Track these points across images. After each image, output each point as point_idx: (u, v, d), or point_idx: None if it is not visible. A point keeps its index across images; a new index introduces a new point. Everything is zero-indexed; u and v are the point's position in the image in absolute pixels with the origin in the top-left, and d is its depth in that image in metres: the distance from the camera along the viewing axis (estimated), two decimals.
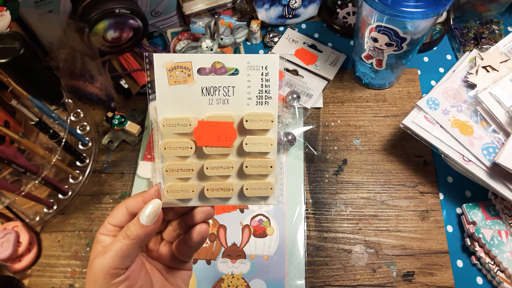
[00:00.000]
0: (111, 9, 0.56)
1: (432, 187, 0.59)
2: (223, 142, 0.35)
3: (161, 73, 0.34)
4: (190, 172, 0.35)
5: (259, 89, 0.36)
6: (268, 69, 0.35)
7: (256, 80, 0.35)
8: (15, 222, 0.57)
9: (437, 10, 0.48)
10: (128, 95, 0.68)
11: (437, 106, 0.55)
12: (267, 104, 0.36)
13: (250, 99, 0.35)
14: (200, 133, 0.35)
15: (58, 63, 0.61)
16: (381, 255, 0.55)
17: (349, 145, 0.63)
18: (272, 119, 0.36)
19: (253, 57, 0.34)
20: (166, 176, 0.35)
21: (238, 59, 0.34)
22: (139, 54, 0.65)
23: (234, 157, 0.36)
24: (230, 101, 0.35)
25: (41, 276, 0.56)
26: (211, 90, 0.35)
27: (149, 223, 0.32)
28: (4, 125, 0.55)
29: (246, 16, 0.73)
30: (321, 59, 0.69)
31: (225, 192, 0.36)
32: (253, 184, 0.36)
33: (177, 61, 0.34)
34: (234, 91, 0.35)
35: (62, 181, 0.62)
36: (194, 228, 0.35)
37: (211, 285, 0.54)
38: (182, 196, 0.35)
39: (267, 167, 0.36)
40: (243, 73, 0.35)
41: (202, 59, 0.34)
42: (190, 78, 0.34)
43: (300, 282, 0.53)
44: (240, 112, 0.35)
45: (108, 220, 0.34)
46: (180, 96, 0.34)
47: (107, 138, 0.65)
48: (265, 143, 0.36)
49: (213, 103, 0.35)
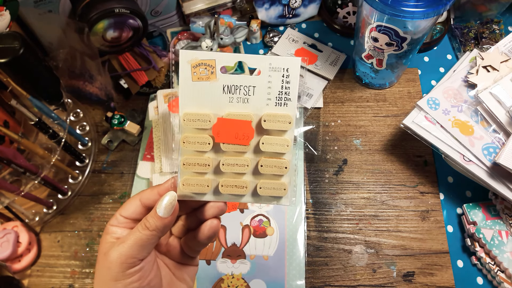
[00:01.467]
0: (111, 8, 0.56)
1: (433, 187, 0.59)
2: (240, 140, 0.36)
3: (186, 69, 0.34)
4: (206, 167, 0.36)
5: (279, 91, 0.36)
6: (289, 72, 0.35)
7: (277, 82, 0.36)
8: (15, 222, 0.57)
9: (438, 10, 0.48)
10: (127, 95, 0.68)
11: (437, 106, 0.55)
12: (286, 106, 0.36)
13: (270, 100, 0.36)
14: (219, 129, 0.35)
15: (57, 63, 0.61)
16: (381, 255, 0.55)
17: (349, 145, 0.63)
18: (290, 121, 0.36)
19: (276, 58, 0.35)
20: (183, 170, 0.36)
21: (261, 60, 0.35)
22: (139, 54, 0.65)
23: (250, 156, 0.37)
24: (250, 100, 0.36)
25: (41, 276, 0.56)
26: (232, 89, 0.36)
27: (166, 215, 0.33)
28: (4, 125, 0.55)
29: (246, 15, 0.73)
30: (321, 58, 0.69)
31: (239, 189, 0.36)
32: (267, 184, 0.36)
33: (201, 58, 0.35)
34: (255, 91, 0.36)
35: (62, 181, 0.61)
36: (206, 223, 0.36)
37: (211, 285, 0.54)
38: (197, 190, 0.36)
39: (282, 168, 0.36)
40: (265, 73, 0.35)
41: (226, 58, 0.35)
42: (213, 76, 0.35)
43: (300, 282, 0.53)
44: (259, 111, 0.36)
45: (119, 212, 0.35)
46: (202, 93, 0.35)
47: (106, 138, 0.64)
48: (282, 144, 0.36)
49: (233, 101, 0.36)
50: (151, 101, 0.67)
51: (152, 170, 0.60)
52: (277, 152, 0.36)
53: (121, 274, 0.31)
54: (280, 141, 0.36)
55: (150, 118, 0.63)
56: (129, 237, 0.32)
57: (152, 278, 0.33)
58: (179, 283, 0.37)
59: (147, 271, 0.33)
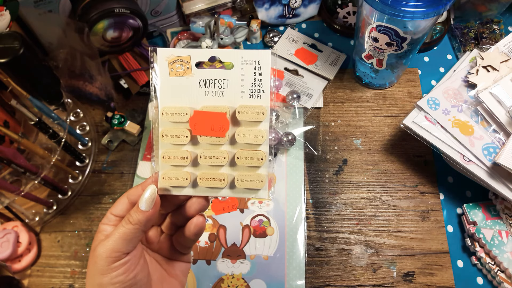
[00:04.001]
0: (111, 8, 0.56)
1: (433, 187, 0.59)
2: (216, 132, 0.36)
3: (163, 65, 0.36)
4: (185, 160, 0.37)
5: (252, 83, 0.37)
6: (260, 64, 0.36)
7: (249, 74, 0.37)
8: (15, 222, 0.57)
9: (438, 10, 0.48)
10: (127, 95, 0.68)
11: (437, 106, 0.55)
12: (259, 98, 0.37)
13: (244, 92, 0.37)
14: (195, 122, 0.36)
15: (57, 63, 0.61)
16: (381, 255, 0.55)
17: (349, 145, 0.63)
18: (263, 112, 0.36)
19: (247, 52, 0.36)
20: (162, 163, 0.37)
21: (233, 54, 0.36)
22: (139, 54, 0.65)
23: (227, 148, 0.37)
24: (225, 93, 0.37)
25: (41, 276, 0.56)
26: (207, 83, 0.37)
27: (147, 208, 0.34)
28: (4, 125, 0.55)
29: (246, 15, 0.73)
30: (321, 58, 0.69)
31: (217, 182, 0.37)
32: (244, 176, 0.37)
33: (178, 55, 0.36)
34: (229, 84, 0.37)
35: (62, 181, 0.61)
36: (191, 220, 0.37)
37: (211, 285, 0.54)
38: (177, 183, 0.36)
39: (258, 159, 0.37)
40: (237, 67, 0.36)
41: (200, 53, 0.36)
42: (188, 71, 0.37)
43: (300, 282, 0.53)
44: (234, 104, 0.37)
45: (110, 211, 0.36)
46: (179, 87, 0.37)
47: (106, 138, 0.64)
48: (257, 135, 0.37)
49: (209, 95, 0.37)
50: (151, 101, 0.67)
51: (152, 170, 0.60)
52: (253, 144, 0.37)
53: (107, 267, 0.32)
54: (255, 133, 0.37)
55: (150, 118, 0.63)
56: (114, 232, 0.33)
57: (138, 272, 0.34)
58: (171, 279, 0.38)
59: (133, 264, 0.34)
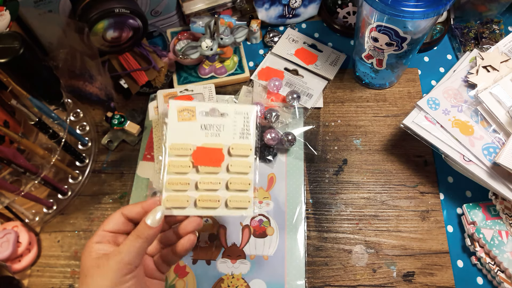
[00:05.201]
0: (111, 8, 0.56)
1: (433, 187, 0.59)
2: (213, 163, 0.45)
3: (174, 113, 0.45)
4: (186, 185, 0.44)
5: (242, 128, 0.47)
6: (248, 115, 0.47)
7: (240, 121, 0.47)
8: (15, 222, 0.57)
9: (438, 10, 0.48)
10: (127, 95, 0.68)
11: (437, 106, 0.55)
12: (247, 138, 0.47)
13: (235, 134, 0.47)
14: (197, 156, 0.45)
15: (57, 63, 0.61)
16: (381, 255, 0.55)
17: (349, 145, 0.63)
18: (250, 148, 0.46)
19: (239, 106, 0.47)
20: (167, 187, 0.43)
21: (229, 107, 0.46)
22: (139, 54, 0.65)
23: (222, 176, 0.46)
24: (221, 134, 0.46)
25: (41, 276, 0.56)
26: (207, 126, 0.46)
27: (156, 225, 0.38)
28: (4, 125, 0.55)
29: (246, 15, 0.73)
30: (321, 58, 0.69)
31: (213, 203, 0.45)
32: (235, 197, 0.45)
33: (185, 106, 0.46)
34: (224, 128, 0.46)
35: (62, 181, 0.61)
36: (186, 237, 0.42)
37: (211, 285, 0.54)
38: (179, 204, 0.43)
39: (246, 184, 0.46)
40: (231, 116, 0.46)
41: (204, 105, 0.46)
42: (193, 118, 0.46)
43: (300, 282, 0.53)
44: (227, 142, 0.46)
45: (102, 228, 0.40)
46: (185, 129, 0.45)
47: (106, 138, 0.64)
48: (245, 166, 0.46)
49: (208, 135, 0.46)
50: (151, 101, 0.67)
51: (152, 170, 0.60)
52: (242, 172, 0.46)
53: (120, 279, 0.36)
54: (244, 163, 0.46)
55: (150, 118, 0.63)
56: (124, 247, 0.37)
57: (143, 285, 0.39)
58: None
59: (140, 276, 0.38)
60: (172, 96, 0.63)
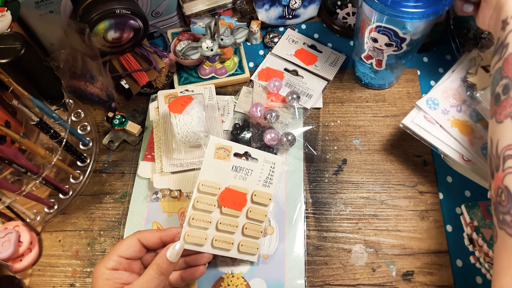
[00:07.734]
0: (112, 9, 0.56)
1: (432, 186, 0.59)
2: (236, 206, 0.48)
3: (212, 149, 0.48)
4: (208, 223, 0.47)
5: (267, 176, 0.51)
6: (275, 165, 0.51)
7: (267, 170, 0.50)
8: (16, 222, 0.57)
9: (437, 11, 0.49)
10: (128, 95, 0.69)
11: (436, 106, 0.56)
12: (269, 187, 0.51)
13: (260, 181, 0.50)
14: (224, 196, 0.48)
15: (58, 64, 0.61)
16: (381, 254, 0.55)
17: (349, 145, 0.63)
18: (270, 198, 0.50)
19: (268, 155, 0.51)
20: (190, 222, 0.46)
21: (261, 154, 0.50)
22: (140, 55, 0.65)
23: (241, 220, 0.49)
24: (248, 179, 0.49)
25: (42, 275, 0.56)
26: (238, 169, 0.49)
27: (175, 260, 0.40)
28: (5, 125, 0.56)
29: (246, 16, 0.73)
30: (321, 59, 0.70)
31: (227, 245, 0.48)
32: (247, 243, 0.49)
33: (223, 144, 0.49)
34: (252, 173, 0.49)
35: (63, 181, 0.62)
36: (198, 268, 0.46)
37: (211, 285, 0.54)
38: (198, 241, 0.46)
39: (259, 232, 0.50)
40: (260, 163, 0.50)
41: (239, 147, 0.50)
42: (227, 157, 0.48)
43: (300, 281, 0.54)
44: (252, 187, 0.49)
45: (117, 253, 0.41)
46: (218, 167, 0.48)
47: (107, 138, 0.65)
48: (262, 214, 0.50)
49: (236, 177, 0.49)
50: (152, 101, 0.67)
51: (152, 170, 0.61)
52: (258, 220, 0.50)
53: None
54: (261, 212, 0.50)
55: (151, 119, 0.63)
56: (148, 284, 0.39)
57: None
58: None
59: None
60: (172, 96, 0.63)
